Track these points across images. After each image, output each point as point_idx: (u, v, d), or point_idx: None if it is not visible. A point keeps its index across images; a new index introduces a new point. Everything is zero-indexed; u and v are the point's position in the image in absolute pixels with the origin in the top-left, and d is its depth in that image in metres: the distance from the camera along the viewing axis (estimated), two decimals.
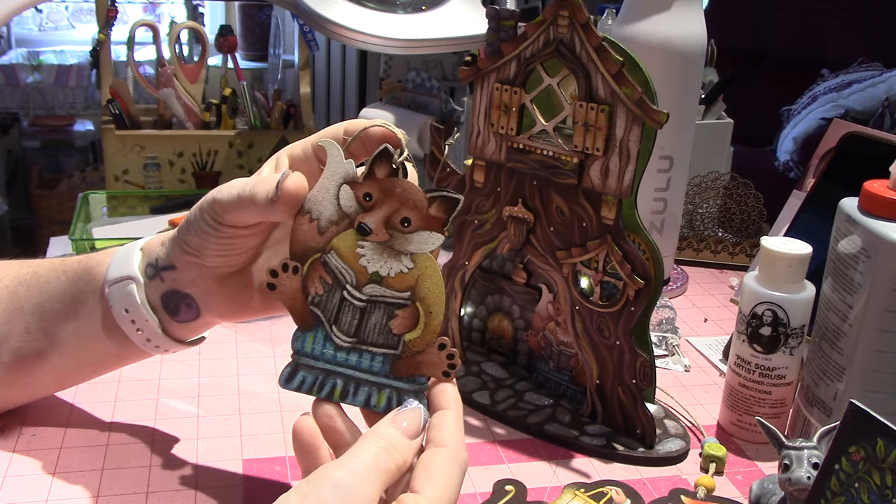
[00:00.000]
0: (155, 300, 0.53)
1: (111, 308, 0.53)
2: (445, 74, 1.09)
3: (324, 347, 0.46)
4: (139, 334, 0.54)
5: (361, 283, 0.46)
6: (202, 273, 0.52)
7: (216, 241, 0.50)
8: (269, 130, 1.23)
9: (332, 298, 0.46)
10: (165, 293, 0.53)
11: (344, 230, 0.46)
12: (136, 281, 0.53)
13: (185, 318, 0.54)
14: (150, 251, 0.54)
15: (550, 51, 0.59)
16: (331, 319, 0.46)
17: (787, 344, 0.62)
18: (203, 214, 0.50)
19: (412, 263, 0.45)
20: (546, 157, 0.61)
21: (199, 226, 0.50)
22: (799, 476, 0.49)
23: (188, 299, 0.53)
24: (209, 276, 0.52)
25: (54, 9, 3.39)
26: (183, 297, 0.53)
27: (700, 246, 1.00)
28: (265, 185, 0.47)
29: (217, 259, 0.51)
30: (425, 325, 0.45)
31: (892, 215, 0.55)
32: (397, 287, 0.45)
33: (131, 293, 0.53)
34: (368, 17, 0.97)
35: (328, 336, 0.46)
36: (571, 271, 0.62)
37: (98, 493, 0.54)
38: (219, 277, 0.53)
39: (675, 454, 0.62)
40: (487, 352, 0.73)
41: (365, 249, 0.46)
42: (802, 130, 2.24)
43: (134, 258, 0.53)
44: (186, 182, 1.19)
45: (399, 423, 0.44)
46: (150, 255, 0.53)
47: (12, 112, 3.05)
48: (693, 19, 0.81)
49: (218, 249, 0.51)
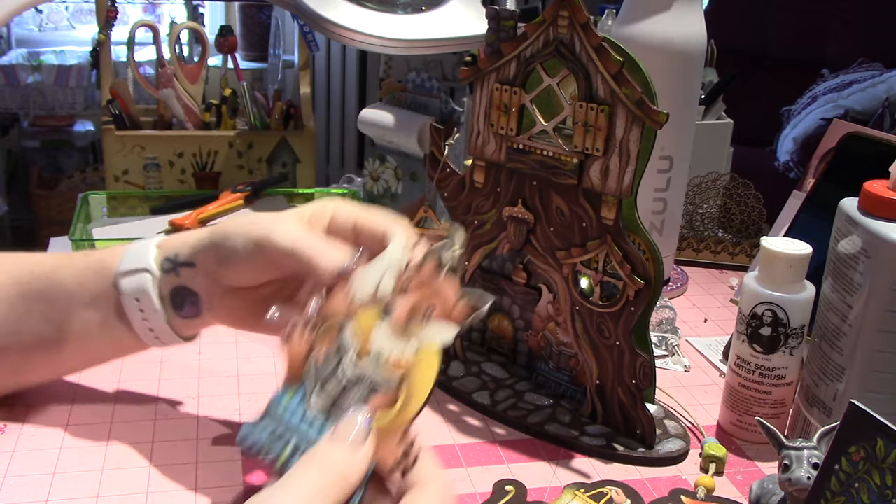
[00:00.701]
0: (165, 293, 0.55)
1: (122, 296, 0.55)
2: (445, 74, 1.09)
3: (296, 408, 0.45)
4: (144, 324, 0.56)
5: (360, 356, 0.45)
6: (217, 280, 0.54)
7: (250, 269, 0.52)
8: (269, 131, 1.23)
9: (328, 365, 0.45)
10: (175, 288, 0.55)
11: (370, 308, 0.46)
12: (151, 272, 0.55)
13: (188, 315, 0.56)
14: (170, 247, 0.55)
15: (550, 51, 0.59)
16: (317, 385, 0.45)
17: (787, 344, 0.62)
18: (245, 243, 0.51)
19: (415, 349, 0.45)
20: (546, 158, 0.61)
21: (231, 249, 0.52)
22: (799, 476, 0.49)
23: (195, 297, 0.55)
24: (223, 285, 0.54)
25: (54, 9, 3.39)
26: (191, 294, 0.55)
27: (700, 246, 1.00)
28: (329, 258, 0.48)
29: (241, 279, 0.54)
30: (399, 410, 0.42)
31: (892, 215, 0.55)
32: (391, 369, 0.44)
33: (145, 283, 0.54)
34: (368, 18, 0.97)
35: (303, 398, 0.45)
36: (571, 271, 0.62)
37: (98, 493, 0.54)
38: (232, 289, 0.55)
39: (675, 454, 0.62)
40: (487, 352, 0.73)
41: (381, 325, 0.46)
42: (802, 130, 2.24)
43: (150, 252, 0.55)
44: (186, 182, 1.19)
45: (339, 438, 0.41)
46: (169, 250, 0.55)
47: (12, 112, 3.05)
48: (693, 19, 0.81)
49: (249, 275, 0.53)
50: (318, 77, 2.98)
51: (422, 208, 0.72)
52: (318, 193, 1.20)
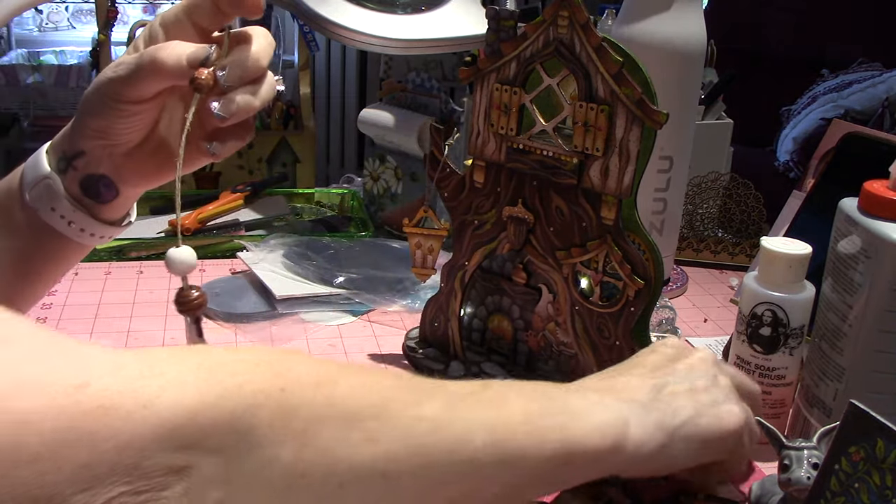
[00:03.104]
0: (75, 190, 0.55)
1: (38, 212, 0.55)
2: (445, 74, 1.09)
3: None
4: (72, 227, 0.56)
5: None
6: (110, 152, 0.54)
7: (119, 120, 0.52)
8: (269, 131, 1.24)
9: None
10: (82, 180, 0.55)
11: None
12: (51, 178, 0.54)
13: (108, 198, 0.56)
14: (56, 148, 0.55)
15: (550, 51, 0.59)
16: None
17: (787, 344, 0.62)
18: (102, 98, 0.52)
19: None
20: (546, 158, 0.61)
21: (99, 109, 0.52)
22: (799, 476, 0.49)
23: (105, 179, 0.55)
24: (117, 153, 0.54)
25: (54, 9, 3.39)
26: (99, 178, 0.55)
27: (700, 246, 1.00)
28: (170, 50, 0.50)
29: (122, 136, 0.54)
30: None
31: (892, 215, 0.55)
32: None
33: (52, 189, 0.54)
34: (368, 18, 0.97)
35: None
36: (571, 271, 0.62)
37: None
38: (126, 152, 0.55)
39: None
40: (487, 352, 0.73)
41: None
42: (802, 130, 2.24)
43: (42, 160, 0.55)
44: (186, 182, 1.19)
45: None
46: (57, 150, 0.55)
47: (12, 112, 3.05)
48: (693, 19, 0.81)
49: (122, 127, 0.53)
50: (318, 77, 2.98)
51: (422, 208, 0.72)
52: (319, 194, 1.20)
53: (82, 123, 0.54)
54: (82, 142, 0.54)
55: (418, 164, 1.03)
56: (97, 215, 0.56)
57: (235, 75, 0.51)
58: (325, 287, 0.85)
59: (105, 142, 0.54)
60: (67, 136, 0.55)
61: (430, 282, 0.76)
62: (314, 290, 0.85)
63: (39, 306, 0.82)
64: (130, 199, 0.58)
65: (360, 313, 0.84)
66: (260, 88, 0.52)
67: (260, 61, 0.52)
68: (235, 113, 0.51)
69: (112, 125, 0.53)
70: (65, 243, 0.57)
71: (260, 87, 0.52)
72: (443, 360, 0.72)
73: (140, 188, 0.58)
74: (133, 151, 0.55)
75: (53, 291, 0.86)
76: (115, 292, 0.86)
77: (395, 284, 0.86)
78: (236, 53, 0.51)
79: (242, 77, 0.51)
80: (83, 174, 0.55)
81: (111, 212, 0.57)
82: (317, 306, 0.84)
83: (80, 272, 0.91)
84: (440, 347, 0.73)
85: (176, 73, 0.50)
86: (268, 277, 0.86)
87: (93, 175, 0.55)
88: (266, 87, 0.53)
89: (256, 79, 0.52)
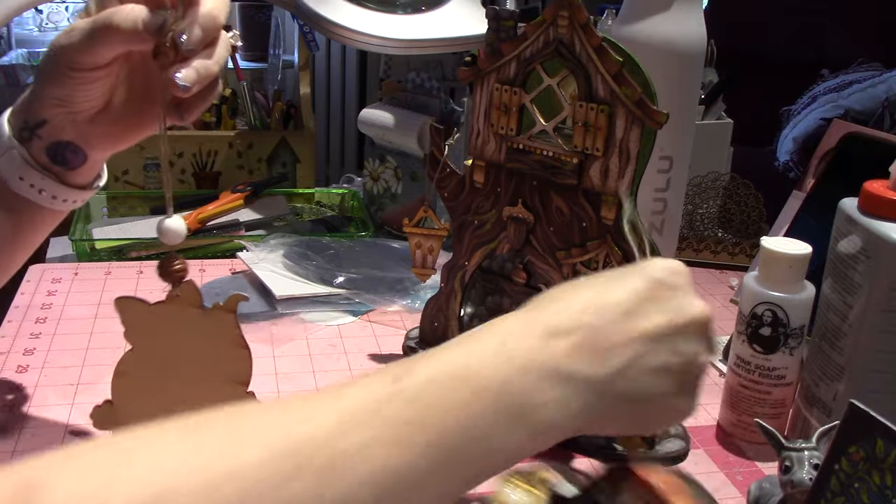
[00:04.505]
0: (42, 158, 0.54)
1: (7, 182, 0.54)
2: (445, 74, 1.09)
3: None
4: (43, 195, 0.55)
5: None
6: (72, 119, 0.53)
7: (77, 88, 0.51)
8: (269, 131, 1.23)
9: None
10: (48, 147, 0.54)
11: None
12: (16, 148, 0.54)
13: (76, 164, 0.55)
14: (18, 116, 0.54)
15: (550, 51, 0.59)
16: None
17: (787, 344, 0.62)
18: (57, 66, 0.51)
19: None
20: (546, 158, 0.61)
21: (56, 77, 0.51)
22: (801, 478, 0.49)
23: (71, 146, 0.54)
24: (80, 120, 0.54)
25: (54, 9, 3.39)
26: (66, 145, 0.54)
27: (700, 246, 1.00)
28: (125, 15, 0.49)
29: (83, 103, 0.53)
30: None
31: (892, 215, 0.55)
32: None
33: (17, 159, 0.54)
34: (368, 18, 0.97)
35: None
36: (571, 271, 0.62)
37: None
38: (90, 118, 0.54)
39: (675, 454, 0.61)
40: None
41: None
42: (802, 130, 2.24)
43: (4, 128, 0.54)
44: (186, 182, 1.19)
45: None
46: (18, 120, 0.54)
47: None
48: (693, 19, 0.81)
49: (82, 94, 0.52)
50: (318, 77, 2.97)
51: (422, 208, 0.72)
52: (319, 194, 1.20)
53: (41, 92, 0.53)
54: (43, 111, 0.53)
55: (418, 164, 1.03)
56: (67, 181, 0.56)
57: (196, 38, 0.49)
58: (325, 287, 0.85)
59: (66, 109, 0.53)
60: (28, 104, 0.54)
61: (430, 282, 0.76)
62: (314, 290, 0.85)
63: (39, 306, 0.82)
64: (99, 161, 0.58)
65: (361, 313, 0.84)
66: (215, 51, 0.51)
67: (217, 19, 0.50)
68: (197, 81, 0.50)
69: (72, 93, 0.52)
70: (36, 210, 0.56)
71: (215, 49, 0.51)
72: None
73: (108, 151, 0.57)
74: (96, 117, 0.54)
75: (54, 291, 0.86)
76: (115, 292, 0.86)
77: (395, 284, 0.86)
78: (191, 14, 0.49)
79: (203, 39, 0.50)
80: (48, 142, 0.54)
81: (81, 176, 0.56)
82: (317, 306, 0.84)
83: (80, 272, 0.91)
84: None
85: (133, 38, 0.49)
86: (268, 277, 0.86)
87: (59, 142, 0.54)
88: (221, 49, 0.51)
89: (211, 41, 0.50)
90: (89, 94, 0.53)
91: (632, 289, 0.41)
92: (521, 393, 0.37)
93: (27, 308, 0.82)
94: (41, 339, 0.76)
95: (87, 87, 0.52)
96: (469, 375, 0.37)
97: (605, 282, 0.42)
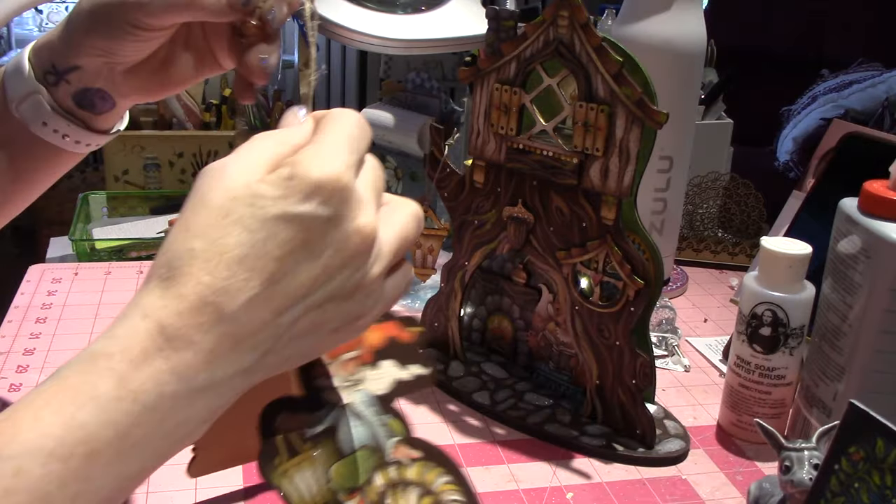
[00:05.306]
0: (66, 103, 0.53)
1: (29, 125, 0.53)
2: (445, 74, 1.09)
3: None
4: (67, 140, 0.54)
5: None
6: (111, 68, 0.52)
7: (130, 43, 0.50)
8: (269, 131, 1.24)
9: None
10: (76, 93, 0.53)
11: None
12: (41, 94, 0.52)
13: (104, 109, 0.54)
14: (43, 59, 0.52)
15: (550, 51, 0.59)
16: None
17: (787, 344, 0.62)
18: (115, 20, 0.49)
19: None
20: (546, 158, 0.61)
21: (109, 30, 0.49)
22: (801, 478, 0.49)
23: (101, 93, 0.53)
24: (118, 70, 0.52)
25: (54, 9, 3.39)
26: (96, 91, 0.53)
27: (700, 246, 1.00)
28: None
29: (129, 56, 0.51)
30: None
31: (892, 215, 0.55)
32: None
33: (43, 106, 0.52)
34: (368, 18, 0.97)
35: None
36: (571, 271, 0.62)
37: None
38: (129, 69, 0.52)
39: (675, 454, 0.62)
40: (487, 352, 0.73)
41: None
42: (802, 130, 2.24)
43: (26, 70, 0.52)
44: (186, 182, 1.19)
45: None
46: (44, 62, 0.52)
47: None
48: (693, 19, 0.81)
49: (131, 49, 0.50)
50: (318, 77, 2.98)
51: (422, 208, 0.72)
52: None
53: (81, 40, 0.51)
54: (79, 58, 0.51)
55: (418, 164, 1.02)
56: (90, 126, 0.55)
57: (284, 16, 0.48)
58: None
59: (108, 60, 0.51)
60: (56, 50, 0.52)
61: (430, 282, 0.76)
62: None
63: (39, 306, 0.82)
64: (125, 108, 0.56)
65: None
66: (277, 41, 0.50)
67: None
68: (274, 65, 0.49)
69: (121, 47, 0.50)
70: (55, 152, 0.55)
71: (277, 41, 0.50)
72: (443, 360, 0.72)
73: (137, 101, 0.56)
74: (135, 68, 0.52)
75: (54, 291, 0.86)
76: (115, 292, 0.86)
77: None
78: None
79: (287, 15, 0.48)
80: (77, 87, 0.52)
81: (105, 122, 0.55)
82: None
83: (80, 272, 0.91)
84: (440, 347, 0.73)
85: (214, 11, 0.47)
86: None
87: (89, 89, 0.53)
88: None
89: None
90: (140, 49, 0.51)
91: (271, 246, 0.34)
92: (166, 423, 0.32)
93: (27, 308, 0.82)
94: (41, 339, 0.76)
95: (142, 44, 0.50)
96: (91, 431, 0.31)
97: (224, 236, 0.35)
